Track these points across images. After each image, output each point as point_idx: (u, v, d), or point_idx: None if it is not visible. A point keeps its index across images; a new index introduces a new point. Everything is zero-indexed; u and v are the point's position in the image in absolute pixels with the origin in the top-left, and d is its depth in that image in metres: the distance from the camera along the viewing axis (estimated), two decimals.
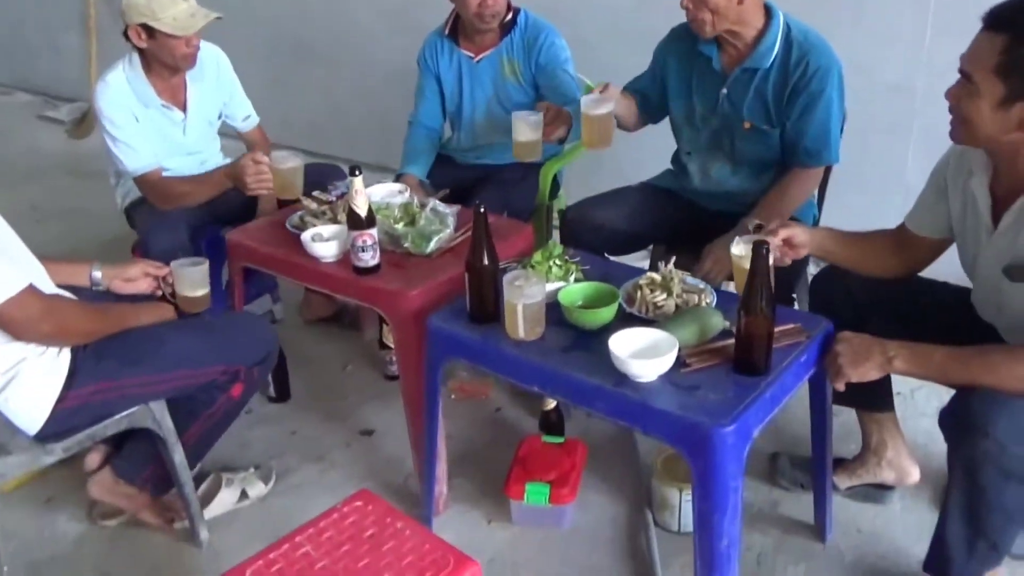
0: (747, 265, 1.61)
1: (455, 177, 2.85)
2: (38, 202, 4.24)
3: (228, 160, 2.88)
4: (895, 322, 1.86)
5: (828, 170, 2.35)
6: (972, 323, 1.83)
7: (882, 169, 2.93)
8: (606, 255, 2.42)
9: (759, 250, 1.54)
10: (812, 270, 2.30)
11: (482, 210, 1.78)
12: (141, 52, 2.52)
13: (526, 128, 2.35)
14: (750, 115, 2.24)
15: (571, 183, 3.23)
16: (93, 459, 2.11)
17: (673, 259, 1.90)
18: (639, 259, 2.69)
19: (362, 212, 1.99)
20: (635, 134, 2.70)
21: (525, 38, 2.70)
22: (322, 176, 2.79)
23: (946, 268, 1.92)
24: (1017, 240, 1.61)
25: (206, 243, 2.72)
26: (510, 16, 2.70)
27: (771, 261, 1.60)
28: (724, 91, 2.26)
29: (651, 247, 2.56)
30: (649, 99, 2.47)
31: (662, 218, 2.43)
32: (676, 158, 2.52)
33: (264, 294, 2.98)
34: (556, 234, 2.80)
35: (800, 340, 1.71)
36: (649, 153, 2.71)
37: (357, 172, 1.97)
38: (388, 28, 4.07)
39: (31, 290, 1.69)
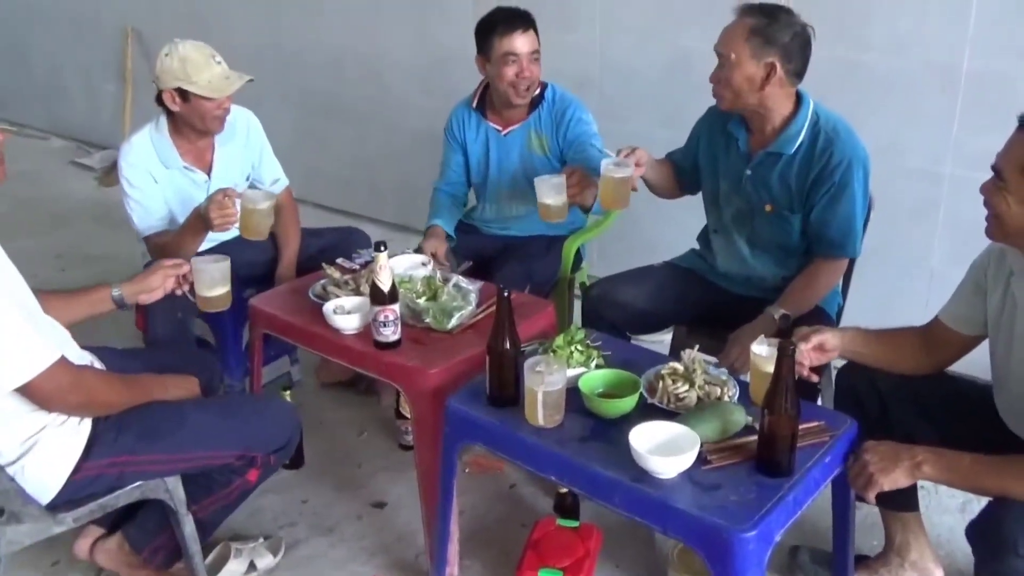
0: (766, 367, 1.61)
1: (479, 247, 2.86)
2: (63, 250, 4.30)
3: None
4: (921, 417, 1.85)
5: (852, 260, 2.34)
6: (998, 420, 1.80)
7: (907, 254, 2.90)
8: (628, 334, 2.42)
9: (785, 349, 1.53)
10: (837, 363, 2.27)
11: (506, 293, 1.78)
12: (170, 115, 2.56)
13: (550, 191, 2.37)
14: (771, 198, 2.24)
15: (594, 257, 3.24)
16: (82, 546, 2.07)
17: (697, 347, 1.88)
18: (661, 335, 2.69)
19: (385, 287, 1.99)
20: (661, 210, 2.71)
21: (553, 112, 2.72)
22: (347, 242, 2.81)
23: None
24: None
25: None
26: (538, 90, 2.72)
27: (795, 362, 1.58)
28: (748, 172, 2.26)
29: (673, 327, 2.55)
30: (684, 170, 2.49)
31: (685, 299, 2.42)
32: (703, 235, 2.52)
33: (283, 355, 2.98)
34: (578, 305, 2.80)
35: (824, 440, 1.68)
36: (674, 230, 2.71)
37: (382, 248, 1.98)
38: (417, 91, 4.13)
39: (62, 362, 1.68)
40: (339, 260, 2.47)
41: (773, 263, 2.33)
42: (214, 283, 2.07)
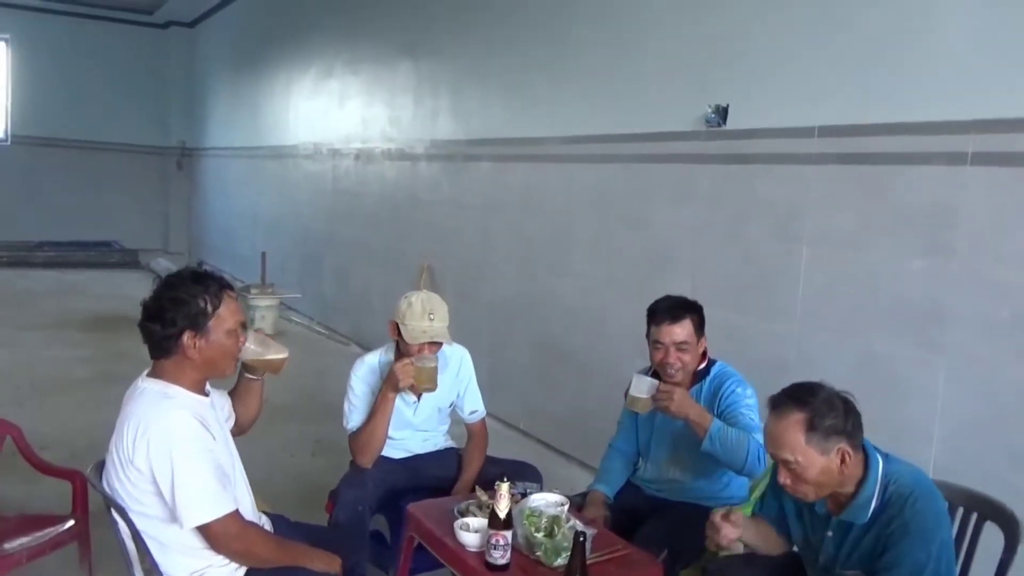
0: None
1: (636, 503, 3.05)
2: (321, 437, 5.05)
3: (451, 442, 3.38)
4: None
5: None
6: None
7: None
8: None
9: None
10: None
11: (581, 539, 2.01)
12: (397, 342, 3.16)
13: (641, 385, 2.84)
14: (844, 564, 2.23)
15: None
16: None
17: None
18: None
19: (501, 514, 2.29)
20: None
21: (713, 386, 2.94)
22: (520, 473, 3.15)
23: None
24: None
25: (405, 502, 3.14)
26: (704, 366, 2.98)
27: None
28: (829, 533, 2.27)
29: None
30: (777, 522, 2.46)
31: None
32: None
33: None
34: None
35: None
36: None
37: (504, 479, 2.31)
38: (633, 349, 4.51)
39: (235, 514, 2.17)
40: (496, 484, 2.80)
41: None
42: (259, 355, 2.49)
